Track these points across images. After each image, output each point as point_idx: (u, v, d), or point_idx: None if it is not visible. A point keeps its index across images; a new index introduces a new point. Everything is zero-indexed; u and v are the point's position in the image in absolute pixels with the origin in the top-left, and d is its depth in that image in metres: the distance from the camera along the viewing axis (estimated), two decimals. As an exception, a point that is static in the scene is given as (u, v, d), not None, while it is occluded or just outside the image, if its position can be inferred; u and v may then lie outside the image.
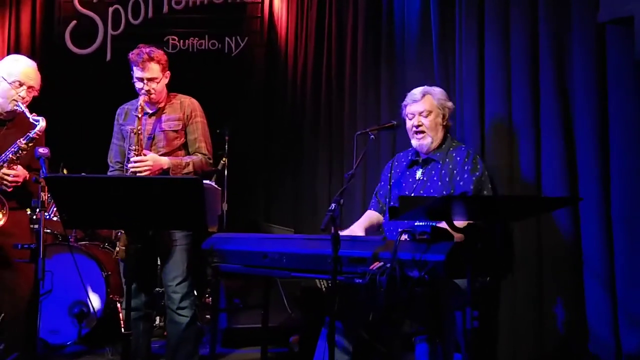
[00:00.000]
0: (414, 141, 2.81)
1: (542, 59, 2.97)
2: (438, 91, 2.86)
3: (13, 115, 3.05)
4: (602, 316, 2.71)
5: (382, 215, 2.93)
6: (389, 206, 2.80)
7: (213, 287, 2.78)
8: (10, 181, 2.93)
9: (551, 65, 2.93)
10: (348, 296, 2.47)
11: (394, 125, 2.82)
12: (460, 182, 2.64)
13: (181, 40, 5.95)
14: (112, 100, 3.36)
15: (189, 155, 3.20)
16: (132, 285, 2.79)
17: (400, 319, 2.79)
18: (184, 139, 3.20)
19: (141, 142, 3.04)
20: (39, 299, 2.69)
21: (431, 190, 2.72)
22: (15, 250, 2.69)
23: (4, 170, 2.93)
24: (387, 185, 2.94)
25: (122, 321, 3.45)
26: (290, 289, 4.08)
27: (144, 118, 3.07)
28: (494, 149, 3.16)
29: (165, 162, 3.06)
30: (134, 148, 3.02)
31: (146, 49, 3.09)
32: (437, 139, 2.80)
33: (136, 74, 3.10)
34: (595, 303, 2.73)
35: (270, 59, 6.02)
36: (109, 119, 3.31)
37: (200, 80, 5.72)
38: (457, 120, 3.43)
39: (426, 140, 2.79)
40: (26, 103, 3.01)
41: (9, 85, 2.98)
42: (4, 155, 2.93)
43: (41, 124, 2.94)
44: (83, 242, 4.26)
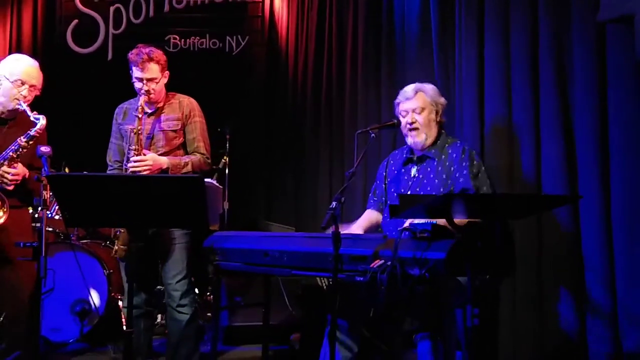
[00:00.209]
0: (409, 139, 2.81)
1: (542, 59, 2.97)
2: (430, 87, 2.85)
3: (15, 114, 3.06)
4: (602, 315, 2.72)
5: (381, 214, 2.93)
6: (388, 204, 2.80)
7: (214, 285, 2.78)
8: (11, 179, 2.94)
9: (551, 64, 2.93)
10: (349, 294, 2.48)
11: (394, 123, 2.82)
12: (460, 179, 2.63)
13: (182, 40, 5.96)
14: (114, 99, 3.37)
15: (188, 154, 3.21)
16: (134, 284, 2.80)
17: (401, 317, 2.80)
18: (182, 138, 3.21)
19: (141, 142, 3.04)
20: (41, 297, 2.69)
21: (428, 188, 2.71)
22: (17, 248, 2.70)
23: (4, 168, 2.93)
24: (382, 184, 2.94)
25: (124, 319, 3.45)
26: (291, 287, 4.09)
27: (143, 118, 3.08)
28: (494, 148, 3.17)
29: (165, 162, 3.07)
30: (134, 148, 3.02)
31: (145, 49, 3.09)
32: (431, 136, 2.79)
33: (135, 74, 3.10)
34: (595, 301, 2.74)
35: (270, 58, 6.03)
36: (111, 118, 3.31)
37: (201, 79, 5.73)
38: (457, 120, 3.44)
39: (420, 137, 2.78)
40: (28, 102, 3.01)
41: (11, 84, 2.99)
42: (4, 153, 2.94)
43: (41, 122, 2.95)
44: (85, 241, 4.27)
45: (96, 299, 3.85)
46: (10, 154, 2.94)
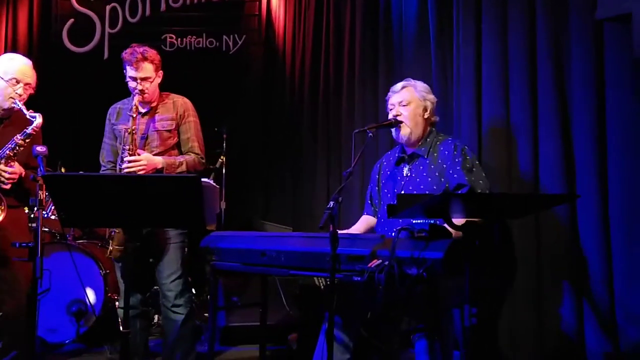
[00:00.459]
0: (393, 132, 2.79)
1: (540, 57, 2.97)
2: (420, 84, 2.83)
3: (10, 113, 3.06)
4: (600, 314, 2.72)
5: (376, 218, 2.92)
6: (384, 205, 2.78)
7: (211, 285, 2.77)
8: (8, 178, 2.94)
9: (549, 63, 2.93)
10: (346, 294, 2.47)
11: (392, 122, 2.81)
12: (454, 175, 2.61)
13: (179, 39, 5.95)
14: (110, 99, 3.35)
15: (182, 154, 3.20)
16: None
17: (399, 317, 2.79)
18: (177, 138, 3.20)
19: (135, 142, 3.03)
20: (37, 297, 2.68)
21: (421, 186, 2.68)
22: (13, 248, 2.69)
23: (1, 166, 2.93)
24: (376, 187, 2.93)
25: (120, 319, 3.44)
26: (289, 287, 4.08)
27: (137, 117, 3.06)
28: (492, 147, 3.16)
29: (159, 162, 3.06)
30: (128, 148, 3.01)
31: (140, 49, 3.09)
32: (417, 132, 2.75)
33: (129, 73, 3.09)
34: (593, 300, 2.74)
35: (268, 57, 6.03)
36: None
37: (198, 79, 5.72)
38: (455, 119, 3.43)
39: (404, 130, 2.74)
40: (23, 100, 3.02)
41: (6, 83, 3.00)
42: (0, 152, 2.94)
43: (38, 120, 2.95)
44: (81, 241, 4.26)
45: (92, 300, 3.83)
46: (7, 152, 2.94)
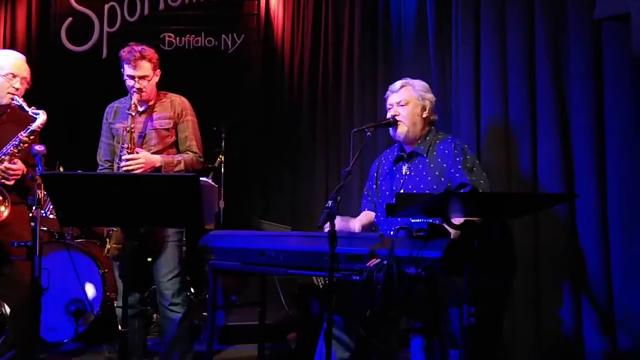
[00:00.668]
0: (391, 130, 2.80)
1: (539, 57, 2.97)
2: (418, 83, 2.83)
3: (6, 109, 3.07)
4: (599, 313, 2.73)
5: (374, 212, 2.92)
6: (382, 204, 2.78)
7: (210, 285, 2.77)
8: (12, 175, 2.96)
9: (547, 63, 2.93)
10: (345, 293, 2.47)
11: (390, 122, 2.81)
12: (455, 174, 2.61)
13: (177, 38, 5.94)
14: (109, 98, 3.35)
15: (180, 153, 3.20)
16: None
17: (398, 316, 2.79)
18: (175, 137, 3.20)
19: (134, 140, 3.03)
20: (38, 296, 2.68)
21: (421, 185, 2.69)
22: (12, 247, 2.69)
23: (5, 164, 2.95)
24: (374, 184, 2.93)
25: (119, 319, 3.44)
26: (288, 286, 4.08)
27: (135, 116, 3.07)
28: (491, 147, 3.16)
29: (158, 160, 3.06)
30: (127, 146, 3.01)
31: (138, 47, 3.09)
32: (415, 131, 2.76)
33: (127, 71, 3.09)
34: (592, 299, 2.75)
35: (266, 56, 6.02)
36: (106, 117, 3.30)
37: (197, 78, 5.71)
38: (454, 119, 3.43)
39: (401, 128, 2.75)
40: (21, 94, 3.05)
41: (3, 78, 3.03)
42: (5, 149, 2.96)
43: (42, 117, 2.98)
44: (80, 240, 4.25)
45: (91, 299, 3.83)
46: (12, 149, 2.95)
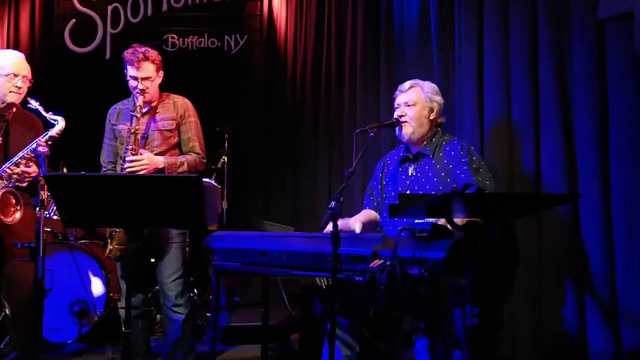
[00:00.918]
0: (396, 130, 2.80)
1: (542, 56, 2.96)
2: (428, 85, 2.83)
3: (11, 107, 3.10)
4: (603, 313, 2.72)
5: (378, 213, 2.92)
6: (387, 204, 2.78)
7: (213, 285, 2.77)
8: (26, 178, 3.00)
9: (551, 62, 2.92)
10: (348, 294, 2.47)
11: (393, 122, 2.81)
12: (461, 175, 2.61)
13: (180, 39, 5.95)
14: (112, 99, 3.35)
15: (183, 154, 3.20)
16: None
17: (401, 317, 2.78)
18: (177, 138, 3.21)
19: (138, 142, 3.04)
20: (41, 297, 2.69)
21: (427, 187, 2.68)
22: (16, 248, 2.70)
23: (22, 167, 2.98)
24: (379, 185, 2.93)
25: (122, 319, 3.45)
26: (291, 287, 4.08)
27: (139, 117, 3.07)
28: (494, 146, 3.16)
29: (161, 161, 3.07)
30: (130, 147, 3.02)
31: (141, 49, 3.10)
32: (421, 132, 2.75)
33: (130, 72, 3.10)
34: (596, 300, 2.74)
35: (269, 57, 6.02)
36: (109, 118, 3.31)
37: (200, 79, 5.72)
38: (457, 118, 3.43)
39: (407, 129, 2.75)
40: (23, 93, 3.09)
41: (4, 77, 3.05)
42: (22, 152, 2.99)
43: (61, 124, 3.01)
44: (83, 241, 4.26)
45: (95, 300, 3.84)
46: (29, 152, 2.98)
